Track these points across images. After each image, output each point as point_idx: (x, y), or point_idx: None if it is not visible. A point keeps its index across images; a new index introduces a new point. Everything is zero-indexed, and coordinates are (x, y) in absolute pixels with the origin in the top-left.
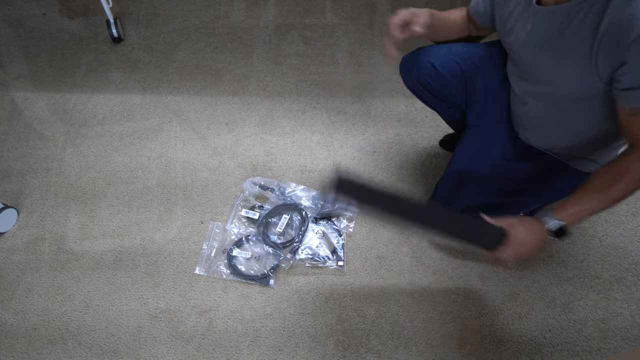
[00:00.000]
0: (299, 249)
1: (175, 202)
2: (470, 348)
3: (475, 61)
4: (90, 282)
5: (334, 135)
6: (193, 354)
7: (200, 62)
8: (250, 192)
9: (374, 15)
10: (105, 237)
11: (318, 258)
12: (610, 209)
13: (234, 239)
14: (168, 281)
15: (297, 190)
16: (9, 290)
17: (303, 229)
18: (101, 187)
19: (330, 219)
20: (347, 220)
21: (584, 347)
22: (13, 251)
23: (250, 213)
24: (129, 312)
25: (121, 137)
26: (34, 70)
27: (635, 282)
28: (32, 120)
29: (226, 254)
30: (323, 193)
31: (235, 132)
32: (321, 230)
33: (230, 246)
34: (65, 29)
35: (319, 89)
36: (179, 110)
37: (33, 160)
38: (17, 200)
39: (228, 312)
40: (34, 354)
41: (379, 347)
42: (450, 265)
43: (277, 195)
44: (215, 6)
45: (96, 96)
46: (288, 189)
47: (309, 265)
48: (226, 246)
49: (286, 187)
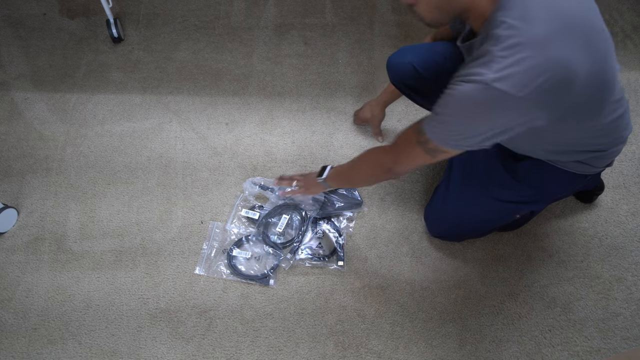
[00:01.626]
0: (298, 249)
1: (175, 202)
2: (470, 348)
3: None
4: (90, 282)
5: (334, 135)
6: (193, 354)
7: (200, 62)
8: (250, 192)
9: (374, 15)
10: (105, 237)
11: (318, 258)
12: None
13: (234, 239)
14: (168, 281)
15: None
16: (9, 290)
17: (303, 229)
18: (101, 187)
19: (331, 219)
20: (347, 220)
21: (584, 347)
22: (13, 251)
23: (250, 213)
24: (129, 312)
25: (121, 137)
26: (34, 70)
27: (635, 282)
28: (32, 120)
29: (226, 254)
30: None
31: (235, 132)
32: (321, 230)
33: (230, 246)
34: (65, 29)
35: (319, 89)
36: (179, 110)
37: (33, 160)
38: (17, 200)
39: (228, 312)
40: (34, 354)
41: (379, 347)
42: (450, 265)
43: (277, 195)
44: (215, 6)
45: (96, 96)
46: (288, 188)
47: (309, 265)
48: (226, 246)
49: (286, 187)
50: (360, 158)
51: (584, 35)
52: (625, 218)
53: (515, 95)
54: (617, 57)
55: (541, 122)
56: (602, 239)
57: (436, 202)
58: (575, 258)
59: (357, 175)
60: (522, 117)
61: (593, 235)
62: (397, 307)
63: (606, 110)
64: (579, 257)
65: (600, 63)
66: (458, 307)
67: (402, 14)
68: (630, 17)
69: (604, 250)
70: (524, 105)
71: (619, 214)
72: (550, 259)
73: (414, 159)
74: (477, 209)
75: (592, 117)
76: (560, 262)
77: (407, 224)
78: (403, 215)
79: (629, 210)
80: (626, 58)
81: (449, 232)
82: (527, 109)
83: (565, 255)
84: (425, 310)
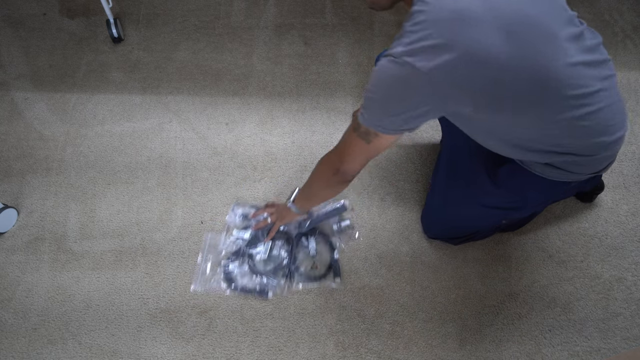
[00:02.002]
0: (293, 274)
1: (175, 202)
2: (470, 348)
3: None
4: (90, 282)
5: (334, 135)
6: (193, 354)
7: (200, 62)
8: (233, 223)
9: (374, 15)
10: (105, 237)
11: (313, 279)
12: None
13: (230, 251)
14: (168, 281)
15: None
16: (9, 290)
17: (291, 251)
18: (101, 187)
19: (323, 233)
20: (348, 228)
21: (584, 347)
22: (13, 251)
23: (242, 232)
24: (129, 312)
25: (121, 137)
26: (34, 70)
27: (635, 282)
28: (32, 120)
29: (222, 268)
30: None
31: (235, 132)
32: (314, 247)
33: (225, 259)
34: (65, 29)
35: (319, 89)
36: (179, 110)
37: (33, 160)
38: (17, 200)
39: (228, 312)
40: (34, 354)
41: (379, 347)
42: (450, 265)
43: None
44: (215, 6)
45: (96, 96)
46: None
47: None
48: (222, 258)
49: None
50: (314, 169)
51: (510, 26)
52: (625, 218)
53: (422, 71)
54: (617, 57)
55: (467, 108)
56: (602, 239)
57: (427, 202)
58: (575, 258)
59: (315, 188)
60: (435, 96)
61: (593, 235)
62: (397, 307)
63: (557, 106)
64: (579, 257)
65: (530, 58)
66: (458, 307)
67: (402, 14)
68: (630, 17)
69: (604, 250)
70: (434, 83)
71: (619, 214)
72: (550, 259)
73: (354, 149)
74: (463, 210)
75: (538, 111)
76: (560, 262)
77: (407, 224)
78: (403, 215)
79: (629, 210)
80: (626, 58)
81: (442, 233)
82: (437, 87)
83: (565, 255)
84: (425, 310)
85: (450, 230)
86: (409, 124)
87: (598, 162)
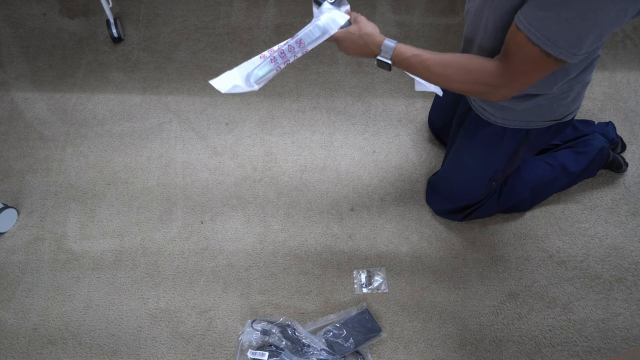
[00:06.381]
0: None
1: (175, 202)
2: (470, 348)
3: None
4: (90, 282)
5: (334, 135)
6: (193, 354)
7: (200, 62)
8: (249, 340)
9: (374, 15)
10: (105, 237)
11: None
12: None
13: None
14: (168, 281)
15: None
16: (9, 290)
17: None
18: (101, 187)
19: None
20: (380, 282)
21: (584, 347)
22: (13, 251)
23: (258, 354)
24: (129, 312)
25: (121, 137)
26: (34, 70)
27: (635, 282)
28: (32, 120)
29: None
30: None
31: (235, 132)
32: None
33: None
34: (65, 29)
35: (319, 89)
36: (179, 110)
37: (33, 160)
38: (17, 200)
39: (228, 312)
40: (34, 354)
41: (379, 347)
42: (450, 265)
43: (280, 336)
44: (215, 6)
45: (96, 96)
46: (296, 330)
47: None
48: None
49: (294, 327)
50: (458, 70)
51: None
52: (625, 218)
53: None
54: (617, 57)
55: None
56: (602, 239)
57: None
58: (575, 258)
59: (443, 83)
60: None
61: (593, 235)
62: (397, 307)
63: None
64: (579, 257)
65: None
66: (458, 307)
67: (402, 14)
68: None
69: (604, 250)
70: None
71: (619, 214)
72: (550, 259)
73: (539, 73)
74: (458, 168)
75: None
76: (560, 262)
77: (407, 224)
78: (403, 215)
79: (629, 210)
80: (626, 58)
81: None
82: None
83: (565, 255)
84: (425, 310)
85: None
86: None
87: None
